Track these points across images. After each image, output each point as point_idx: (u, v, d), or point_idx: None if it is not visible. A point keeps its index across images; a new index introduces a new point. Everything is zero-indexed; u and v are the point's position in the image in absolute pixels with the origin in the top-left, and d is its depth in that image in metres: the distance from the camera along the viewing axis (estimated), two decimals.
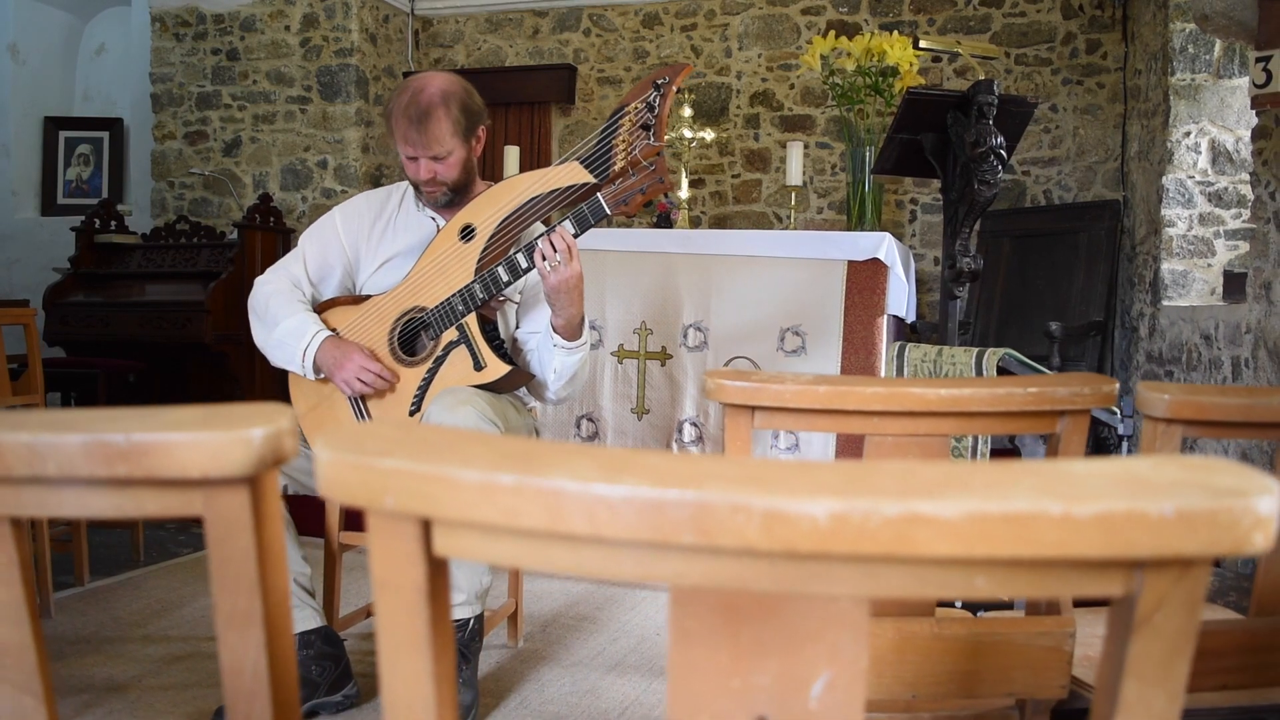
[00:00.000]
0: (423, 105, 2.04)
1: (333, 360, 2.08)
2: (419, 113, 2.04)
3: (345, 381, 2.08)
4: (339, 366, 2.07)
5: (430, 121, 2.04)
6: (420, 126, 2.03)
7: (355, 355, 2.07)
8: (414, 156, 2.08)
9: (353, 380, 2.07)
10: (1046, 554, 0.40)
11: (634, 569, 0.44)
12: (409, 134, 2.04)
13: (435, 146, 2.05)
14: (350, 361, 2.07)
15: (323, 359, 2.09)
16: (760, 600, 0.45)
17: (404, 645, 0.49)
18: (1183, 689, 0.46)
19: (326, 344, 2.09)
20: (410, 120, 2.04)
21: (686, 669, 0.47)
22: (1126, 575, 0.44)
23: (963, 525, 0.40)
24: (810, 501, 0.40)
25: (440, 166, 2.09)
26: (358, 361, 2.07)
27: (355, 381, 2.07)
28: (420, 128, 2.04)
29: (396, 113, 2.06)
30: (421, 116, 2.03)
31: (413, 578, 0.48)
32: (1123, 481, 0.42)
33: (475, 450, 0.46)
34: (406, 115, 2.04)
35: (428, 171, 2.09)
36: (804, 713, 0.46)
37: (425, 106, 2.04)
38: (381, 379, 2.08)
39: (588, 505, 0.42)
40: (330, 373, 2.09)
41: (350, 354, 2.07)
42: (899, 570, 0.43)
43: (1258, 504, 0.41)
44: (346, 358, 2.07)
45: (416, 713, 0.50)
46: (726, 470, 0.43)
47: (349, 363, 2.07)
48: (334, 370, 2.08)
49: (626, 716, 2.17)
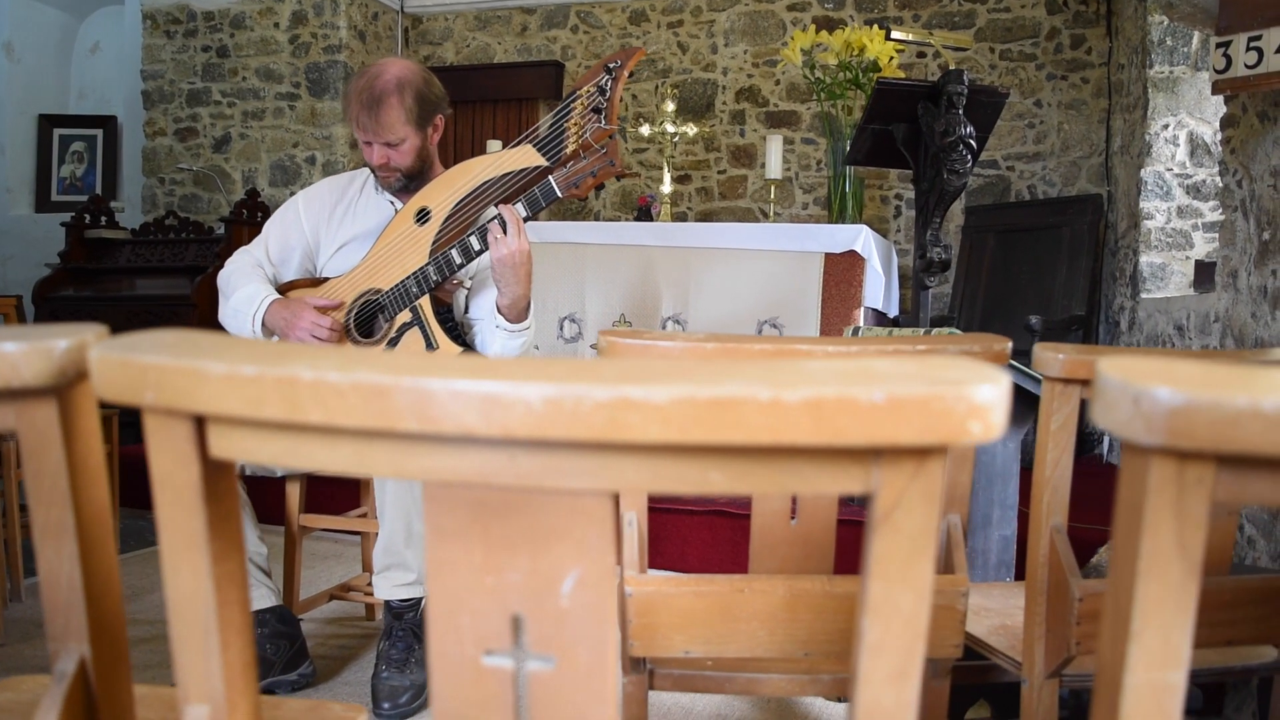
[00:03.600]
0: (376, 92, 2.05)
1: (283, 321, 2.07)
2: (372, 99, 2.05)
3: (299, 340, 2.07)
4: (291, 327, 2.06)
5: (382, 108, 2.05)
6: (372, 112, 2.05)
7: (305, 313, 2.06)
8: (368, 141, 2.10)
9: (306, 339, 2.06)
10: (756, 440, 0.41)
11: (371, 459, 0.45)
12: (361, 118, 2.06)
13: (387, 133, 2.07)
14: (301, 320, 2.05)
15: (272, 320, 2.08)
16: (508, 497, 0.46)
17: (182, 546, 0.50)
18: (929, 587, 0.47)
19: (274, 305, 2.09)
20: (363, 106, 2.06)
21: (443, 567, 0.48)
22: (863, 471, 0.45)
23: (671, 409, 0.41)
24: (525, 386, 0.41)
25: (393, 153, 2.11)
26: (309, 319, 2.05)
27: (309, 339, 2.06)
28: (372, 114, 2.05)
29: (352, 97, 2.08)
30: (374, 103, 2.05)
31: (188, 477, 0.49)
32: (848, 372, 0.43)
33: (236, 349, 0.47)
34: (360, 100, 2.06)
35: (380, 157, 2.11)
36: (556, 610, 0.47)
37: (379, 93, 2.05)
38: (334, 332, 2.07)
39: (320, 393, 0.43)
40: (283, 334, 2.08)
41: (300, 313, 2.06)
42: (633, 462, 0.44)
43: (973, 392, 0.41)
44: (297, 316, 2.06)
45: (198, 612, 0.51)
46: (453, 364, 0.44)
47: (300, 321, 2.05)
48: (286, 331, 2.06)
49: None
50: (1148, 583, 0.45)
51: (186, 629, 0.52)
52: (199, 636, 0.51)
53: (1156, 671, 0.47)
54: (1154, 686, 0.47)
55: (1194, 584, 0.46)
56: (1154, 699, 0.47)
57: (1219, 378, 0.43)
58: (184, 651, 0.52)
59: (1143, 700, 0.47)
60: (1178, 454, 0.43)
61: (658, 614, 1.01)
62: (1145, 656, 0.46)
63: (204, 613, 0.51)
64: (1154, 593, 0.46)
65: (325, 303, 2.10)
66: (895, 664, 0.47)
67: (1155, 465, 0.44)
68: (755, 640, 1.03)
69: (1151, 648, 0.46)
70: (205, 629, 0.51)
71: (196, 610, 0.51)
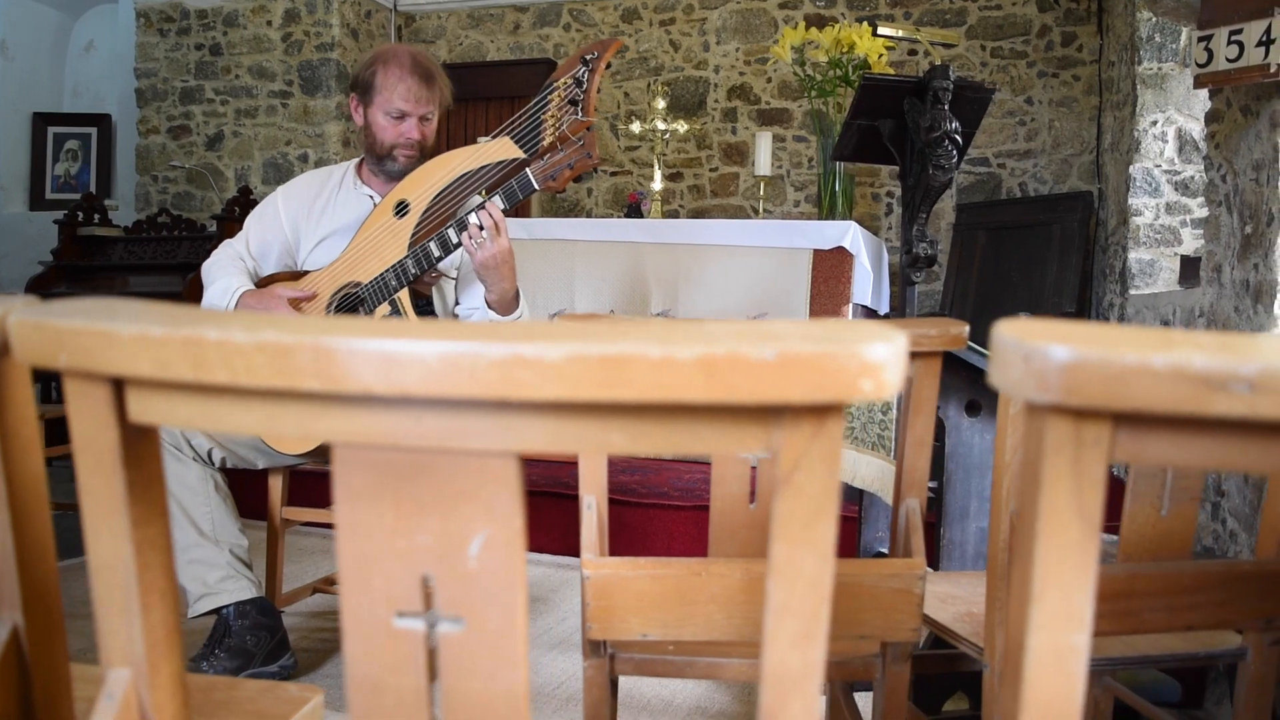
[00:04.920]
0: (426, 64, 2.10)
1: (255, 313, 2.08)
2: (425, 71, 2.09)
3: None
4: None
5: (436, 80, 2.10)
6: (429, 83, 2.09)
7: (277, 306, 2.07)
8: (406, 115, 2.11)
9: None
10: (649, 398, 0.42)
11: (281, 421, 0.46)
12: (415, 89, 2.07)
13: (432, 105, 2.12)
14: (273, 312, 2.07)
15: (244, 311, 2.10)
16: (417, 458, 0.47)
17: (102, 510, 0.51)
18: (831, 549, 0.47)
19: (246, 297, 2.10)
20: (419, 76, 2.08)
21: (354, 530, 0.48)
22: (763, 431, 0.45)
23: (563, 367, 0.41)
24: (422, 344, 0.42)
25: (426, 129, 2.14)
26: (280, 311, 2.07)
27: None
28: (429, 84, 2.09)
29: (396, 69, 2.08)
30: (428, 75, 2.09)
31: (108, 441, 0.50)
32: (744, 333, 0.43)
33: (150, 312, 0.48)
34: (415, 72, 2.08)
35: (418, 131, 2.13)
36: (465, 572, 0.48)
37: (429, 66, 2.11)
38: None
39: (225, 353, 0.44)
40: None
41: (272, 305, 2.07)
42: (534, 422, 0.45)
43: (865, 350, 0.42)
44: (269, 309, 2.07)
45: (118, 576, 0.52)
46: (357, 324, 0.44)
47: (272, 313, 2.07)
48: None
49: (562, 690, 2.18)
50: (1047, 544, 0.46)
51: (108, 593, 0.52)
52: (120, 601, 0.52)
53: (1059, 634, 0.47)
54: (1057, 649, 0.47)
55: (1093, 545, 0.46)
56: (1057, 661, 0.47)
57: (1112, 336, 0.43)
58: (105, 616, 0.53)
59: (1046, 662, 0.47)
60: (1073, 413, 0.44)
61: (615, 597, 1.02)
62: (1047, 619, 0.47)
63: (125, 577, 0.52)
64: (1054, 554, 0.46)
65: (298, 294, 2.11)
66: (800, 626, 0.48)
67: (1051, 424, 0.45)
68: (713, 623, 1.04)
69: (1053, 610, 0.47)
70: (126, 593, 0.52)
71: (117, 574, 0.52)
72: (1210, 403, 0.41)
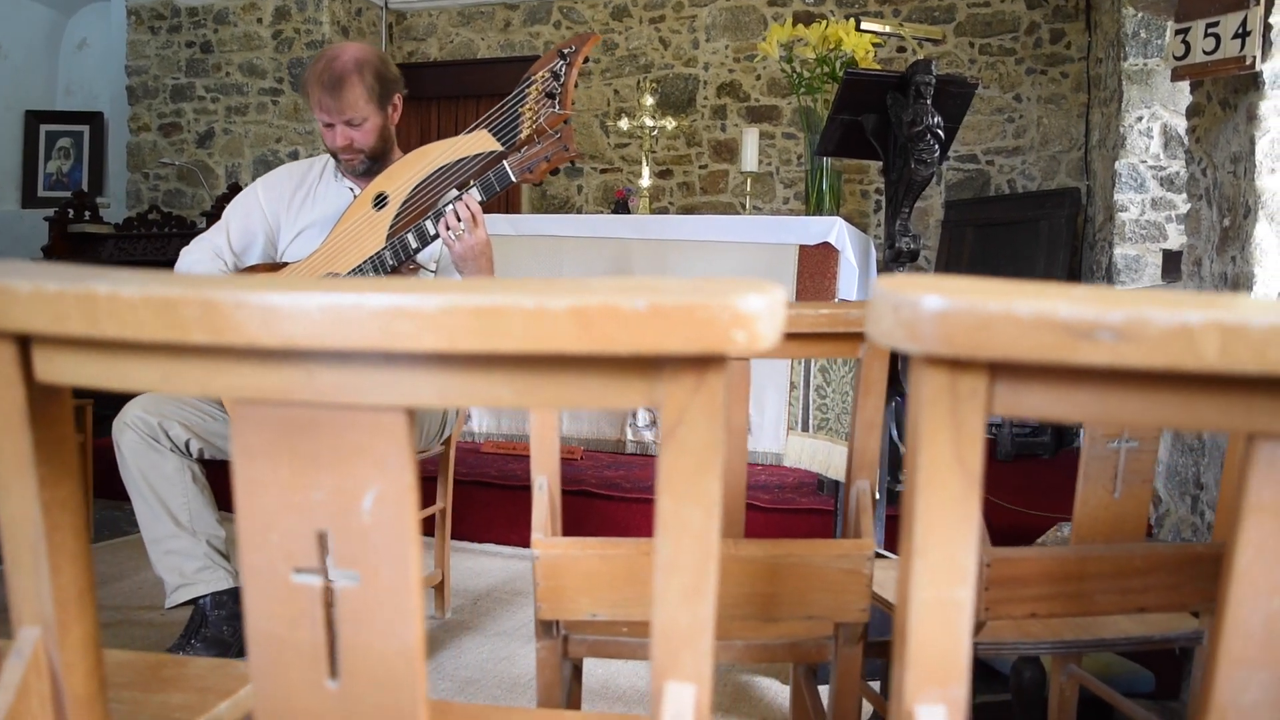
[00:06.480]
0: (336, 72, 2.08)
1: None
2: (333, 79, 2.08)
3: None
4: None
5: (344, 87, 2.08)
6: (335, 92, 2.07)
7: None
8: (330, 123, 2.12)
9: None
10: (526, 348, 0.42)
11: (179, 378, 0.46)
12: (324, 100, 2.08)
13: (349, 111, 2.09)
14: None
15: None
16: (312, 415, 0.47)
17: (11, 470, 0.52)
18: (717, 504, 0.48)
19: None
20: (324, 86, 2.08)
21: (252, 486, 0.49)
22: (646, 384, 0.46)
23: (439, 318, 0.42)
24: (305, 296, 0.43)
25: (356, 133, 2.13)
26: None
27: None
28: (335, 93, 2.08)
29: (312, 80, 2.10)
30: (335, 83, 2.07)
31: (14, 400, 0.51)
32: (622, 287, 0.44)
33: (51, 271, 0.49)
34: (321, 82, 2.08)
35: (344, 138, 2.13)
36: (359, 526, 0.48)
37: (339, 73, 2.08)
38: None
39: (115, 308, 0.44)
40: None
41: None
42: (421, 375, 0.45)
43: (737, 301, 0.43)
44: None
45: (27, 536, 0.53)
46: (244, 280, 0.45)
47: None
48: None
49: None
50: (928, 497, 0.47)
51: (17, 552, 0.53)
52: (29, 560, 0.53)
53: (942, 588, 0.48)
54: (940, 602, 0.48)
55: (974, 499, 0.47)
56: (940, 614, 0.48)
57: (983, 287, 0.44)
58: (15, 574, 0.53)
59: (929, 616, 0.48)
60: (948, 363, 0.45)
61: (564, 577, 1.02)
62: (929, 572, 0.48)
63: (33, 536, 0.52)
64: (935, 507, 0.47)
65: None
66: (688, 581, 0.49)
67: (928, 376, 0.45)
68: None
69: (935, 563, 0.48)
70: (35, 552, 0.53)
71: (26, 534, 0.52)
72: (1076, 350, 0.42)
